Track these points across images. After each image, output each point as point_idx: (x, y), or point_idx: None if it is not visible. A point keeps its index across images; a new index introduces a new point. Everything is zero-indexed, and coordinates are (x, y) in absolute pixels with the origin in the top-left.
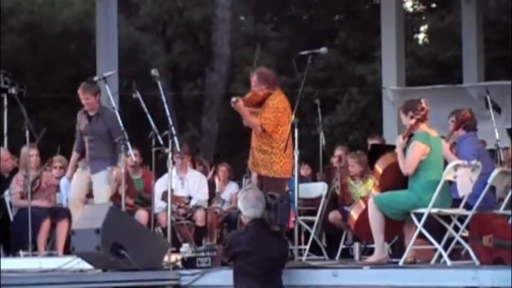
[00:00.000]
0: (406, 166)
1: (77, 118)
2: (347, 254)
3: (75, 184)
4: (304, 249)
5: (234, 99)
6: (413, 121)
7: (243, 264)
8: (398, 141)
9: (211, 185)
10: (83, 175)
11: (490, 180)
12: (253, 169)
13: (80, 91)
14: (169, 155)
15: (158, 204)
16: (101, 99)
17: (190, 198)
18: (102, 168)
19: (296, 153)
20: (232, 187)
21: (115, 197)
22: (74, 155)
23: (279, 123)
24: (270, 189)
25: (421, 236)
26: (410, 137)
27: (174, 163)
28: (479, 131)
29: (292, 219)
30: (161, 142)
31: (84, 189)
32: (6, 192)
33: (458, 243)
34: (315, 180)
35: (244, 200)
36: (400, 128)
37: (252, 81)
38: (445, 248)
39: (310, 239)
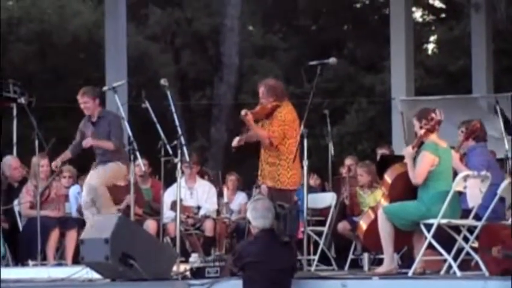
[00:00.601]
0: (416, 176)
1: (80, 125)
2: (356, 265)
3: None
4: (313, 260)
5: (243, 112)
6: (422, 131)
7: (252, 274)
8: (407, 151)
9: (219, 194)
10: None
11: (499, 191)
12: (262, 181)
13: (78, 95)
14: (178, 165)
15: (167, 214)
16: (110, 109)
17: (199, 208)
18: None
19: (305, 163)
20: (240, 197)
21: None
22: (67, 153)
23: (285, 136)
24: (278, 200)
25: (430, 246)
26: (420, 146)
27: (183, 173)
28: (489, 141)
29: (301, 229)
30: (170, 152)
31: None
32: (15, 202)
33: (468, 254)
34: (323, 190)
35: (253, 210)
36: (409, 138)
37: (260, 92)
38: (455, 258)
39: (319, 249)
